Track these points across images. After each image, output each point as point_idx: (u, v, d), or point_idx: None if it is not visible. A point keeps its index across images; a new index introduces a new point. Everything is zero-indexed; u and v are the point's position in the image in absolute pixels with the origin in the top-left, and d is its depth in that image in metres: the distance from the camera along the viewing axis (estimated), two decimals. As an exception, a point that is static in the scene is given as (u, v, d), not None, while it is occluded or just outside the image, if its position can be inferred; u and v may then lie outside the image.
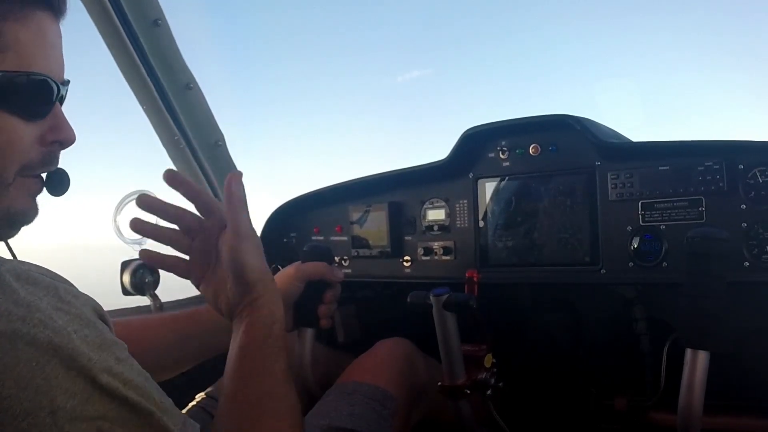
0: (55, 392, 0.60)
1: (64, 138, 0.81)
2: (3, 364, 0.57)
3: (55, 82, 0.77)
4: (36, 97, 0.75)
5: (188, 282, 1.12)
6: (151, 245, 1.79)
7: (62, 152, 0.84)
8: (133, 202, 1.79)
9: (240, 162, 2.07)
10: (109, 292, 1.75)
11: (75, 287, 0.73)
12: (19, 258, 0.85)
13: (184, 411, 1.44)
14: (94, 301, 0.73)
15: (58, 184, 0.84)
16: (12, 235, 0.81)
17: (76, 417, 0.61)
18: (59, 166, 0.83)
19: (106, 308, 0.76)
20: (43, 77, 0.75)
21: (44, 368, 0.60)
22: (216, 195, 2.01)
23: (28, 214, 0.80)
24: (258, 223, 2.15)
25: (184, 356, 1.35)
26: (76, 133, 0.82)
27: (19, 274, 0.65)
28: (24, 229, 0.82)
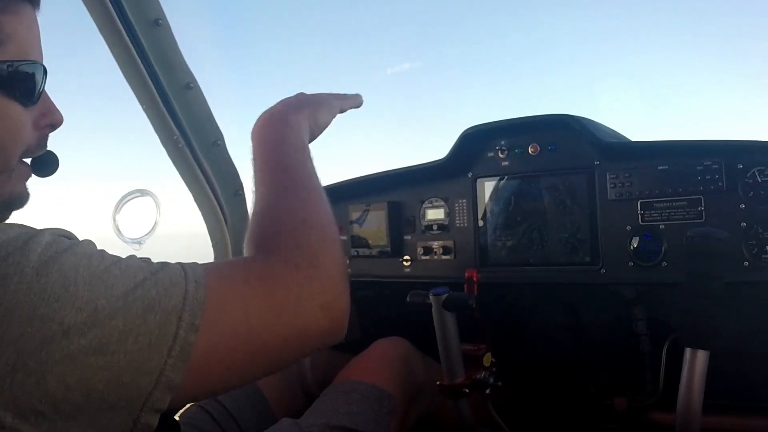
0: (61, 314, 0.59)
1: (55, 120, 0.85)
2: (4, 309, 0.57)
3: (44, 68, 0.81)
4: (33, 83, 0.79)
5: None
6: (151, 245, 1.80)
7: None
8: (132, 201, 1.80)
9: (239, 161, 2.07)
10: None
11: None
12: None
13: (183, 410, 1.44)
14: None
15: (47, 165, 0.87)
16: (5, 219, 0.83)
17: (91, 326, 0.60)
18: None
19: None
20: (38, 64, 0.79)
21: (42, 295, 0.59)
22: (215, 194, 2.01)
23: (25, 197, 0.83)
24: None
25: None
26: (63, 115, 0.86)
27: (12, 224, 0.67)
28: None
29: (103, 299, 0.62)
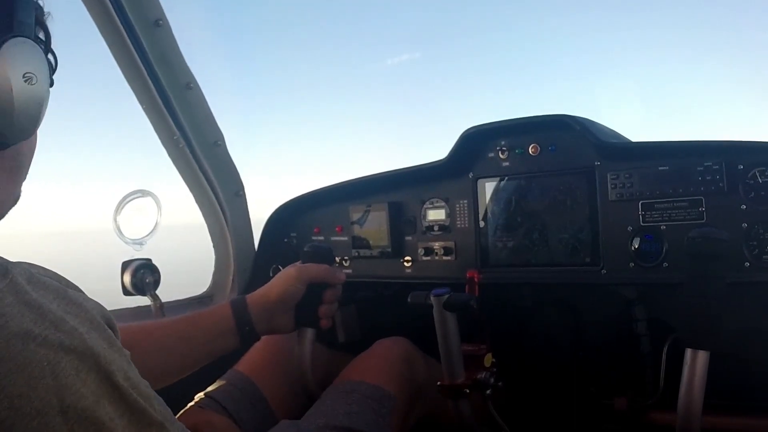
0: (65, 392, 0.60)
1: None
2: (15, 364, 0.58)
3: None
4: None
5: (188, 281, 1.13)
6: (151, 245, 1.80)
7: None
8: (133, 202, 1.80)
9: (240, 161, 2.07)
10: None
11: (83, 292, 0.73)
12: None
13: (183, 411, 1.44)
14: (102, 306, 0.74)
15: None
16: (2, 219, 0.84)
17: (87, 418, 0.61)
18: None
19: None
20: None
21: (54, 369, 0.60)
22: (215, 194, 2.01)
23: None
24: (258, 222, 2.16)
25: (185, 361, 1.34)
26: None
27: (30, 277, 0.66)
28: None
29: (105, 401, 0.63)
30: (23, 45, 0.72)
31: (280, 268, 1.82)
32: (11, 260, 0.68)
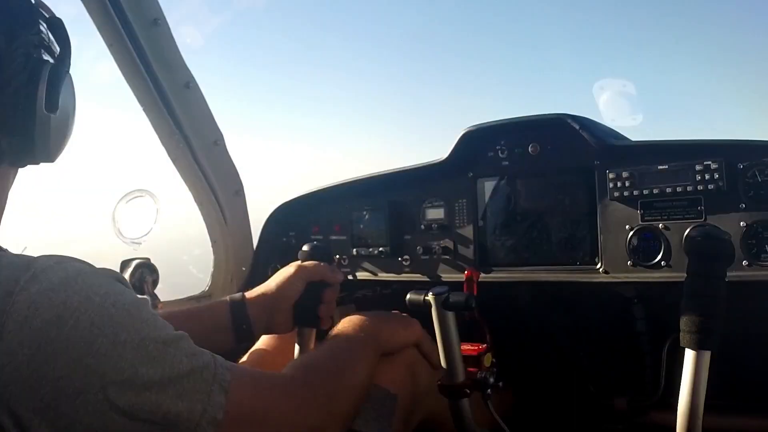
0: (105, 368, 0.64)
1: None
2: (53, 349, 0.61)
3: None
4: None
5: (187, 282, 1.13)
6: (150, 245, 1.80)
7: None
8: (132, 202, 1.79)
9: (239, 161, 2.07)
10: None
11: (93, 265, 0.76)
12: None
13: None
14: (111, 269, 0.78)
15: None
16: None
17: (126, 390, 0.65)
18: None
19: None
20: None
21: (91, 347, 0.63)
22: (214, 193, 2.01)
23: None
24: (257, 222, 2.15)
25: None
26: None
27: (50, 267, 0.69)
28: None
29: (144, 368, 0.67)
30: (71, 80, 0.85)
31: (279, 267, 1.82)
32: (32, 255, 0.71)
